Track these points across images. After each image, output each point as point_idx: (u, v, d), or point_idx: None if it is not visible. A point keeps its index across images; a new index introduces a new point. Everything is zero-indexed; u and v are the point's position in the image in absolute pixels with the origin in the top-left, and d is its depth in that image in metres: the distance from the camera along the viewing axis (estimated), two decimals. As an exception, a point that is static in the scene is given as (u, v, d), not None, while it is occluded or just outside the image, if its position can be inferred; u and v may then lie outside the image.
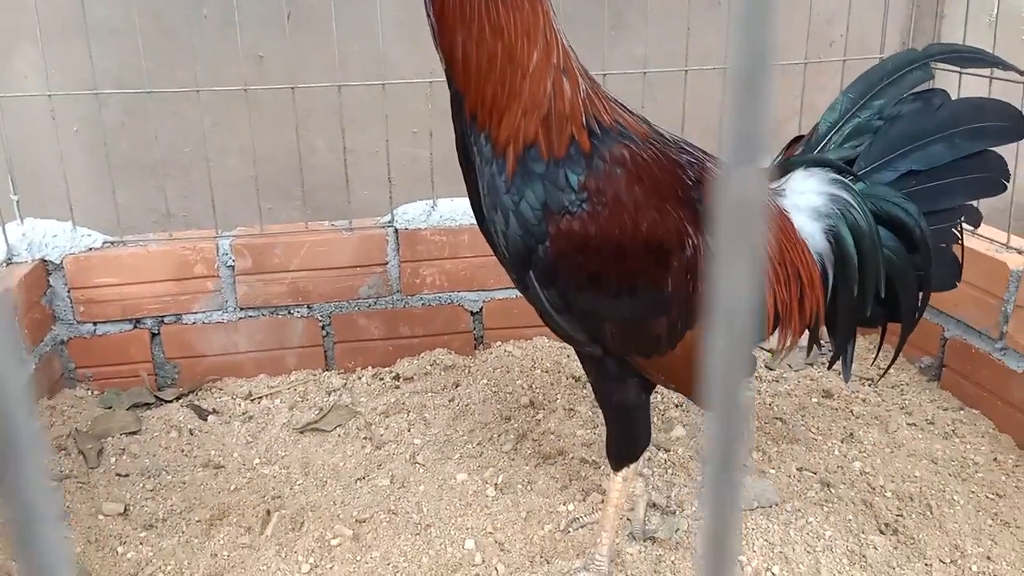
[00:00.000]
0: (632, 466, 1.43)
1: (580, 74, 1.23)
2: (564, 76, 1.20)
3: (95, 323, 2.08)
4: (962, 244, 1.48)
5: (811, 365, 2.20)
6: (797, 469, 1.76)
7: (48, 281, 2.02)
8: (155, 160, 2.26)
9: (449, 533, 1.58)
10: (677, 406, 2.02)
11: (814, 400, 2.04)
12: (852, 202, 1.39)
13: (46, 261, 2.01)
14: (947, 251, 1.48)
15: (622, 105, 1.32)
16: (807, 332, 1.48)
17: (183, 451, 1.87)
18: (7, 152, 2.02)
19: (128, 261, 2.08)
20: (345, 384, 2.15)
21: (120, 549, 1.55)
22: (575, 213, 1.18)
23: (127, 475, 1.77)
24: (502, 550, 1.53)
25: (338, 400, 2.06)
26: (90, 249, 2.06)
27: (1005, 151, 1.47)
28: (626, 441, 1.42)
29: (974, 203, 1.49)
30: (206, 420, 1.99)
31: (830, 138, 1.47)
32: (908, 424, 1.91)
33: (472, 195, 1.31)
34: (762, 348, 2.24)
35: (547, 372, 2.16)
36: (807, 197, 1.41)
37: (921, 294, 1.45)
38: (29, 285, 1.92)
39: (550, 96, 1.18)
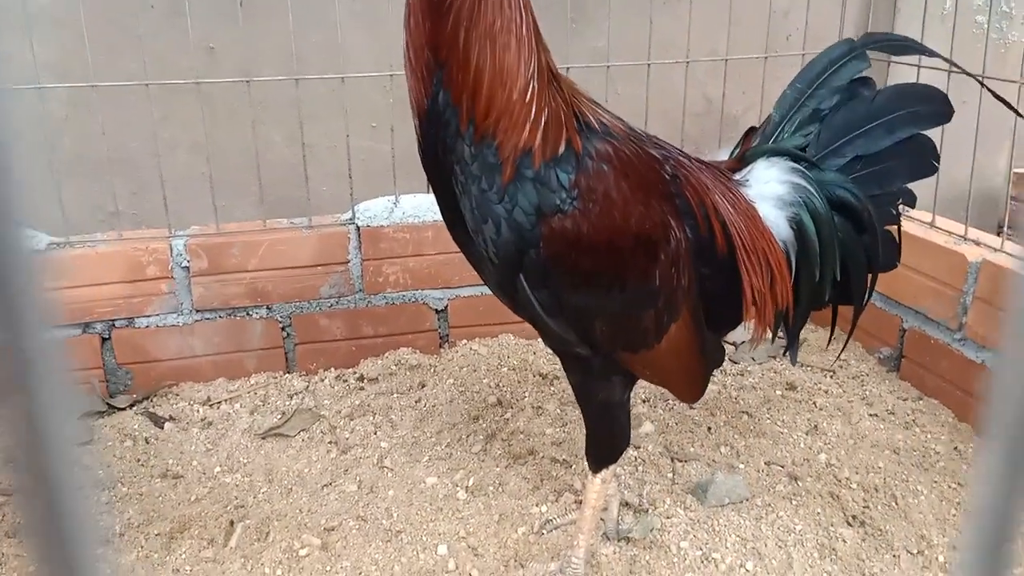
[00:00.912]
0: (612, 467, 1.42)
1: (559, 73, 1.23)
2: (555, 79, 1.21)
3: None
4: (899, 225, 1.55)
5: (774, 358, 2.22)
6: (765, 463, 1.78)
7: (-10, 285, 1.92)
8: (101, 156, 2.17)
9: (421, 539, 1.55)
10: (644, 401, 2.02)
11: (778, 393, 2.06)
12: (812, 189, 1.43)
13: None
14: (888, 233, 1.55)
15: (595, 101, 1.31)
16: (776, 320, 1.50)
17: (139, 461, 1.80)
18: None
19: (76, 263, 1.99)
20: (307, 387, 2.10)
21: (76, 567, 1.48)
22: (567, 212, 1.17)
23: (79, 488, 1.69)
24: (475, 555, 1.51)
25: (301, 404, 2.01)
26: (48, 246, 1.97)
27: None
28: (607, 441, 1.41)
29: (908, 185, 1.56)
30: (163, 428, 1.92)
31: (783, 128, 1.51)
32: (870, 415, 1.94)
33: (444, 200, 1.28)
34: (730, 342, 2.26)
35: (514, 370, 2.14)
36: (771, 186, 1.44)
37: (870, 275, 1.51)
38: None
39: (548, 102, 1.18)
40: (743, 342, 2.28)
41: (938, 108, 1.50)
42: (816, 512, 1.61)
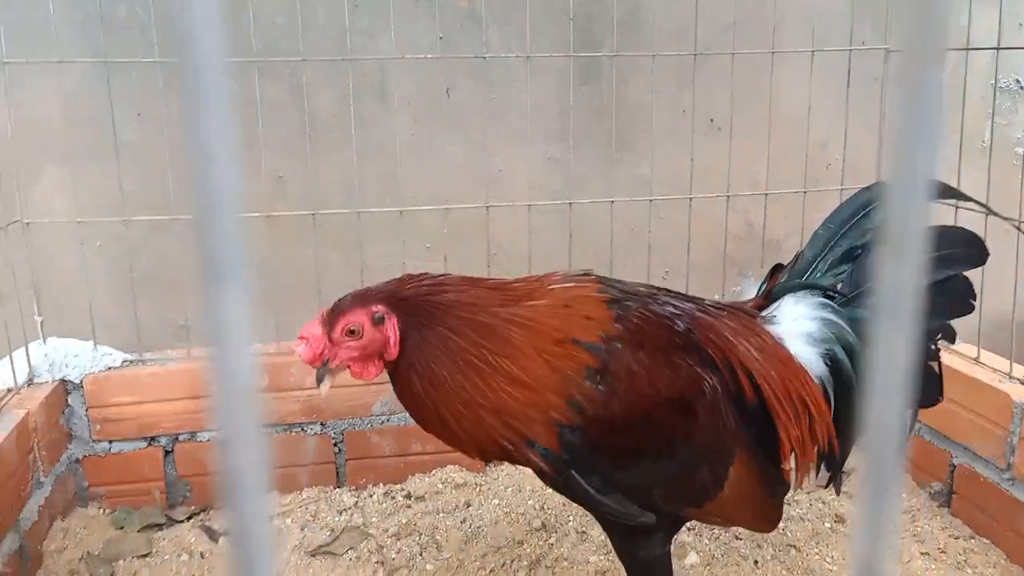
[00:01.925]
0: None
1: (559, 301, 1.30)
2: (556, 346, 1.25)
3: (110, 441, 2.10)
4: (939, 360, 1.55)
5: (822, 487, 2.21)
6: (813, 601, 1.75)
7: (67, 400, 2.05)
8: (175, 275, 2.32)
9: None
10: (689, 530, 2.01)
11: (827, 525, 2.04)
12: (843, 324, 1.44)
13: (66, 381, 2.05)
14: (929, 368, 1.55)
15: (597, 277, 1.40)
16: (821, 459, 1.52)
17: (194, 576, 1.86)
18: (33, 274, 2.08)
19: (146, 380, 2.11)
20: (356, 503, 2.15)
21: None
22: (597, 400, 1.23)
23: (138, 603, 1.76)
24: None
25: (350, 520, 2.06)
26: (109, 368, 2.10)
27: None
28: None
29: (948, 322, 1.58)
30: (217, 542, 1.98)
31: (815, 267, 1.54)
32: (921, 553, 1.90)
33: None
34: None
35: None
36: (800, 323, 1.45)
37: (911, 411, 1.52)
38: (49, 406, 1.95)
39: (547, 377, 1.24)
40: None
41: (973, 251, 1.53)
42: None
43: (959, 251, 1.52)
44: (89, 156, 2.54)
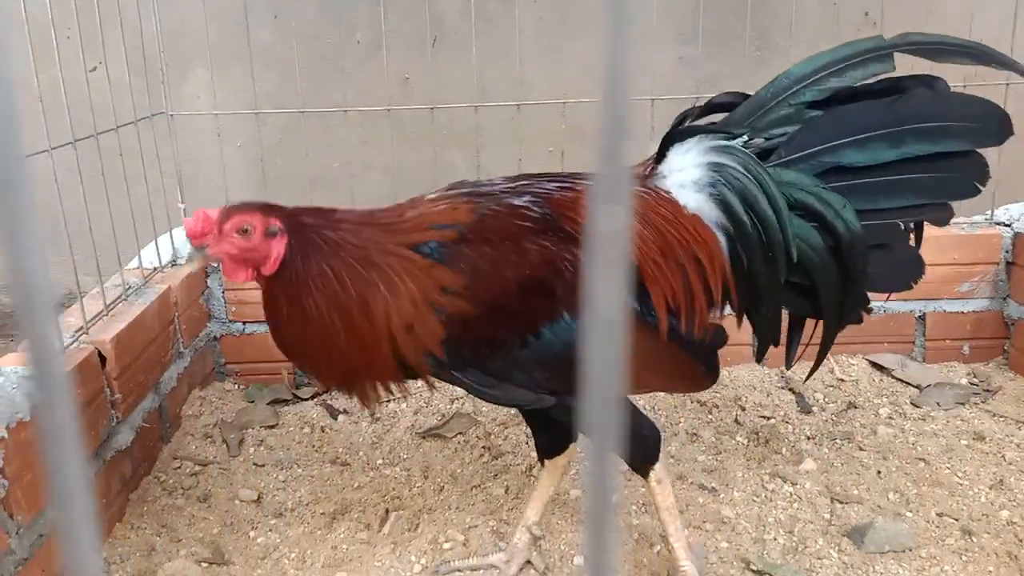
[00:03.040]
0: (657, 465, 1.40)
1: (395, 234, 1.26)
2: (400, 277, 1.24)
3: (244, 323, 2.24)
4: (918, 242, 1.40)
5: (962, 404, 2.04)
6: (937, 514, 1.63)
7: (206, 282, 2.20)
8: (306, 175, 2.42)
9: (559, 548, 1.58)
10: (809, 439, 1.92)
11: (963, 442, 1.89)
12: (734, 165, 1.32)
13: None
14: (899, 250, 1.39)
15: (445, 193, 1.35)
16: (735, 312, 1.42)
17: (314, 447, 1.97)
18: (177, 164, 2.22)
19: (276, 267, 2.22)
20: (467, 393, 2.19)
21: (252, 534, 1.65)
22: (452, 303, 1.23)
23: (263, 465, 1.89)
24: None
25: (460, 408, 2.11)
26: (244, 254, 2.23)
27: None
28: (629, 443, 1.38)
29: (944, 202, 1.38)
30: (336, 419, 2.09)
31: (750, 122, 1.37)
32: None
33: None
34: (914, 384, 2.11)
35: (672, 394, 2.11)
36: (686, 172, 1.35)
37: (849, 290, 1.37)
38: (189, 285, 2.09)
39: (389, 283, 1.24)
40: (928, 385, 2.11)
41: (992, 127, 1.32)
42: (988, 570, 1.46)
43: (976, 125, 1.32)
44: (231, 57, 2.66)
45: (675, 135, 1.38)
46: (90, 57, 1.76)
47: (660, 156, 1.39)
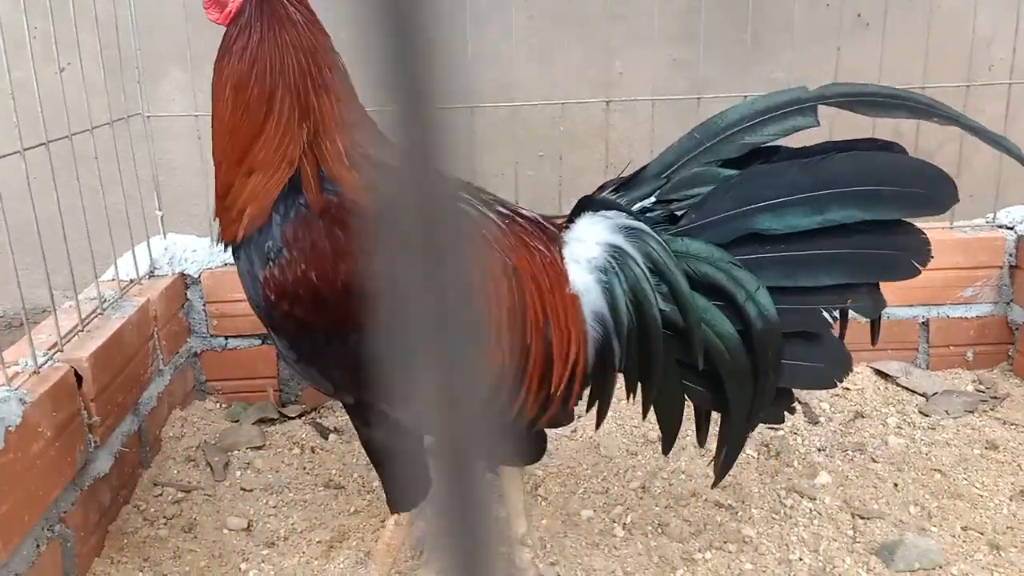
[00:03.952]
0: (404, 514, 1.33)
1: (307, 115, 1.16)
2: (309, 121, 1.15)
3: (226, 337, 2.12)
4: (842, 333, 1.22)
5: (971, 412, 2.00)
6: (962, 528, 1.58)
7: (186, 295, 2.08)
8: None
9: (575, 573, 1.49)
10: (820, 450, 1.86)
11: (976, 451, 1.84)
12: (634, 255, 1.18)
13: (185, 275, 2.07)
14: (823, 340, 1.20)
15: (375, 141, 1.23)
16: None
17: (305, 469, 1.86)
18: (154, 169, 2.10)
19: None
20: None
21: (243, 566, 1.54)
22: (275, 261, 1.13)
23: (251, 490, 1.77)
24: (632, 596, 1.43)
25: (458, 425, 2.01)
26: (226, 264, 2.11)
27: None
28: (390, 485, 1.33)
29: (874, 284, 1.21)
30: (327, 439, 1.98)
31: (661, 186, 1.23)
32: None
33: None
34: (920, 392, 2.07)
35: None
36: (586, 247, 1.22)
37: (760, 385, 1.19)
38: (169, 298, 1.97)
39: (274, 151, 1.15)
40: (935, 393, 2.07)
41: (937, 193, 1.15)
42: (1027, 589, 1.41)
43: (915, 191, 1.16)
44: (207, 58, 2.54)
45: (591, 202, 1.25)
46: (61, 56, 1.63)
47: (571, 219, 1.26)
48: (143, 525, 1.62)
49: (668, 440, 1.31)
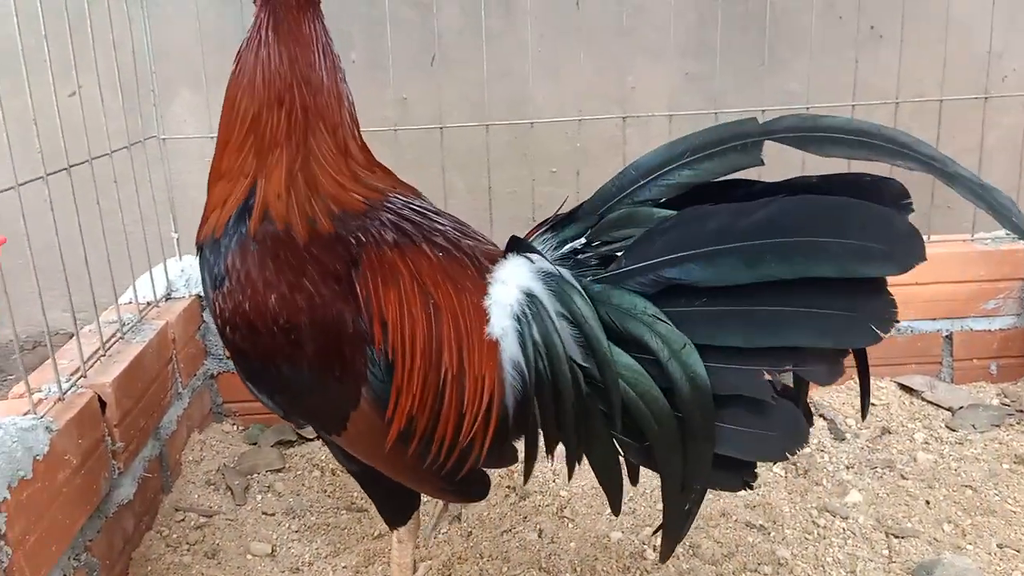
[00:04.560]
0: (402, 529, 1.34)
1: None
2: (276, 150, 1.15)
3: (243, 359, 2.10)
4: (799, 399, 1.08)
5: (997, 427, 1.98)
6: (998, 546, 1.55)
7: (202, 316, 2.06)
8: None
9: (607, 597, 1.46)
10: (848, 467, 1.84)
11: (1005, 466, 1.82)
12: (547, 305, 1.11)
13: (201, 297, 2.05)
14: (774, 407, 1.05)
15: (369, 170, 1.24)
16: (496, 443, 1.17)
17: (326, 492, 1.83)
18: (170, 191, 2.08)
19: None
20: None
21: (269, 592, 1.51)
22: (220, 288, 1.14)
23: (273, 514, 1.74)
24: (667, 620, 1.40)
25: (479, 445, 1.99)
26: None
27: None
28: (382, 505, 1.35)
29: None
30: (348, 461, 1.95)
31: (597, 224, 1.12)
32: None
33: None
34: (945, 407, 2.05)
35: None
36: (508, 291, 1.14)
37: (692, 451, 1.08)
38: (186, 320, 1.95)
39: (239, 171, 1.16)
40: (960, 407, 2.05)
41: (886, 246, 0.95)
42: (1072, 609, 1.38)
43: (871, 246, 0.97)
44: (216, 80, 2.53)
45: (518, 243, 1.17)
46: (73, 80, 1.62)
47: (505, 255, 1.18)
48: (166, 551, 1.60)
49: (612, 500, 1.21)
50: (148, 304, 1.91)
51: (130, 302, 1.87)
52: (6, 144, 1.29)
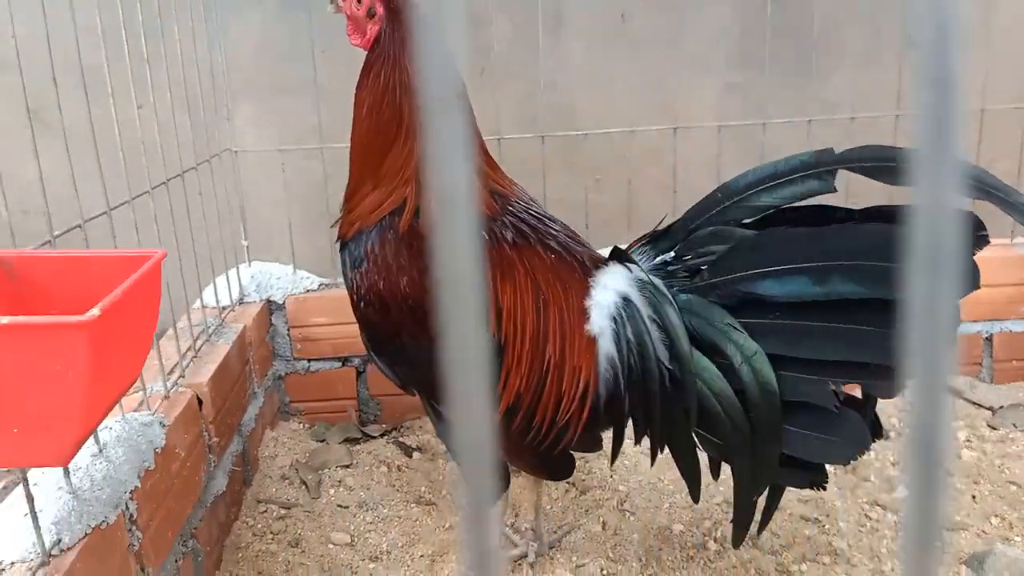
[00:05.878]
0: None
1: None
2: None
3: (309, 360, 2.20)
4: (866, 411, 1.18)
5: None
6: (1045, 539, 1.63)
7: (271, 320, 2.16)
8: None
9: (673, 585, 1.55)
10: (894, 464, 1.91)
11: (1049, 464, 1.89)
12: (641, 308, 1.25)
13: (271, 301, 2.16)
14: (840, 416, 1.16)
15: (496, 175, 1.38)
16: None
17: (394, 487, 1.93)
18: (240, 200, 2.19)
19: (341, 303, 2.17)
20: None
21: (352, 579, 1.61)
22: (358, 268, 1.32)
23: (347, 507, 1.84)
24: (731, 606, 1.48)
25: (537, 443, 2.08)
26: (308, 291, 2.20)
27: None
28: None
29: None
30: (411, 457, 2.05)
31: (686, 239, 1.27)
32: None
33: None
34: (986, 406, 2.11)
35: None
36: (607, 294, 1.30)
37: (761, 451, 1.21)
38: (259, 323, 2.06)
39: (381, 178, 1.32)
40: (1001, 406, 2.12)
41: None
42: (1121, 596, 1.45)
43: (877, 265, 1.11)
44: (275, 93, 2.64)
45: (619, 253, 1.33)
46: (143, 96, 1.73)
47: (606, 262, 1.35)
48: (254, 540, 1.70)
49: (691, 486, 1.38)
50: (222, 309, 2.01)
51: (205, 307, 1.98)
52: (98, 171, 1.39)
